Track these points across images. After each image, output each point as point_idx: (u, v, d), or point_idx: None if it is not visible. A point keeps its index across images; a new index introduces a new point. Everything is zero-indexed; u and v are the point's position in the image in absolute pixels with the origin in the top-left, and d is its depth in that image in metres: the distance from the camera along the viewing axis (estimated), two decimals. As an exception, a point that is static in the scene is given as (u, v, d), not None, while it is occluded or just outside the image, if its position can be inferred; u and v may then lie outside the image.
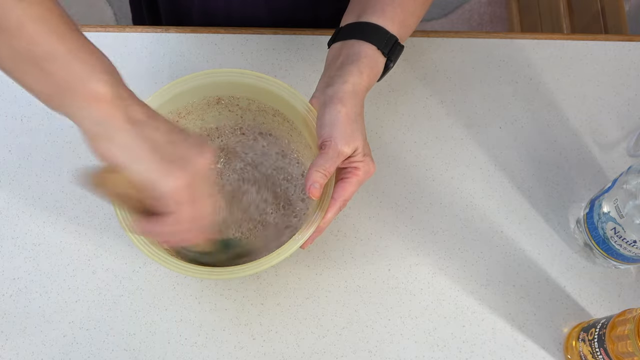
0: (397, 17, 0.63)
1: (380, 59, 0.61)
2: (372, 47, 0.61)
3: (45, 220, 0.72)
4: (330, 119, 0.58)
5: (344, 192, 0.59)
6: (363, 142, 0.59)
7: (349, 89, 0.59)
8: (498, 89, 0.80)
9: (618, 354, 0.60)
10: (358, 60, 0.60)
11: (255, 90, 0.65)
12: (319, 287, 0.70)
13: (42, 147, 0.75)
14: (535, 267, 0.72)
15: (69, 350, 0.67)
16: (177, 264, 0.58)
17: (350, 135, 0.58)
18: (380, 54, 0.61)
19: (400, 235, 0.73)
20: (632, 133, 0.78)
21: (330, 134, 0.58)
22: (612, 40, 0.83)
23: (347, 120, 0.58)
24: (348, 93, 0.59)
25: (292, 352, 0.68)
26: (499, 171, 0.76)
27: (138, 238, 0.59)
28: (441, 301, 0.71)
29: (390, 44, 0.62)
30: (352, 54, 0.61)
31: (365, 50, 0.61)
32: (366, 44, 0.61)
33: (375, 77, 0.62)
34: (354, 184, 0.60)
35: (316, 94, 0.61)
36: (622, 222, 0.64)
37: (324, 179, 0.58)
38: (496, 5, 1.80)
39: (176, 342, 0.68)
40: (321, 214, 0.59)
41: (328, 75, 0.61)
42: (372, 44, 0.61)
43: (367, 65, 0.60)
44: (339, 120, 0.58)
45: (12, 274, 0.70)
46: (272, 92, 0.64)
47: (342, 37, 0.63)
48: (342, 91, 0.59)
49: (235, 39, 0.81)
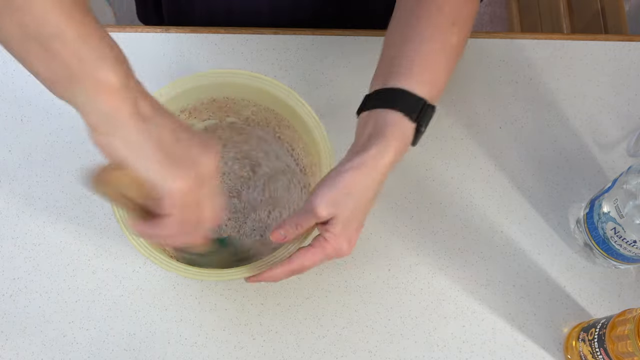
0: (425, 77, 0.58)
1: (408, 125, 0.56)
2: (398, 115, 0.56)
3: (45, 220, 0.72)
4: (330, 179, 0.55)
5: (303, 259, 0.56)
6: (347, 218, 0.55)
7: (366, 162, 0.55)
8: (498, 89, 0.80)
9: (618, 354, 0.60)
10: (384, 131, 0.55)
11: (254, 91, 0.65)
12: (319, 287, 0.70)
13: (42, 147, 0.75)
14: (535, 267, 0.72)
15: (69, 350, 0.67)
16: (177, 266, 0.58)
17: (334, 202, 0.54)
18: (409, 120, 0.56)
19: (400, 235, 0.73)
20: (632, 133, 0.78)
21: (317, 191, 0.55)
22: (612, 40, 0.83)
23: (343, 188, 0.54)
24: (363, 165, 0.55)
25: (292, 352, 0.68)
26: (499, 171, 0.76)
27: (137, 240, 0.58)
28: (441, 301, 0.71)
29: (418, 108, 0.56)
30: (379, 124, 0.56)
31: (392, 118, 0.56)
32: (392, 112, 0.56)
33: (405, 145, 0.57)
34: (316, 255, 0.56)
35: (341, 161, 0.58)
36: (622, 222, 0.64)
37: (292, 229, 0.56)
38: (496, 5, 1.80)
39: (176, 342, 0.68)
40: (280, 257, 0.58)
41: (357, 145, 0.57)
42: (399, 111, 0.56)
43: (394, 136, 0.56)
44: (336, 182, 0.54)
45: (12, 274, 0.70)
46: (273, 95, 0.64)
47: (369, 105, 0.58)
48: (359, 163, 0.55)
49: (235, 39, 0.81)
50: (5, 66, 0.78)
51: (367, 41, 0.81)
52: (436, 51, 0.59)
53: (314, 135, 0.64)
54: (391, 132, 0.56)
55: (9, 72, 0.78)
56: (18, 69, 0.78)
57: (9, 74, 0.78)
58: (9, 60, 0.79)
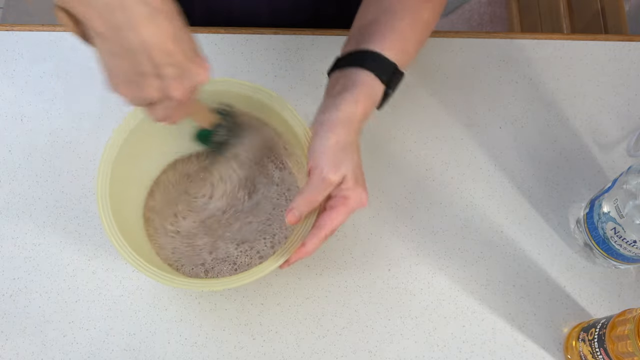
0: (397, 45, 0.61)
1: (378, 86, 0.59)
2: (369, 74, 0.59)
3: (45, 220, 0.72)
4: (319, 146, 0.57)
5: (331, 222, 0.58)
6: (353, 171, 0.57)
7: (341, 116, 0.57)
8: (498, 89, 0.80)
9: (618, 354, 0.60)
10: (354, 87, 0.58)
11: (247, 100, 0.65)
12: (319, 287, 0.70)
13: (42, 147, 0.75)
14: (535, 267, 0.72)
15: (69, 350, 0.67)
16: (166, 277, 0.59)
17: (337, 163, 0.56)
18: (379, 81, 0.59)
19: (400, 235, 0.73)
20: (632, 133, 0.78)
21: (317, 161, 0.56)
22: (612, 40, 0.83)
23: (336, 147, 0.56)
24: (340, 120, 0.57)
25: (292, 352, 0.68)
26: (499, 171, 0.76)
27: (127, 252, 0.59)
28: (441, 301, 0.71)
29: (389, 71, 0.60)
30: (349, 82, 0.59)
31: (362, 77, 0.59)
32: (364, 71, 0.59)
33: (373, 105, 0.60)
34: (342, 213, 0.58)
35: (312, 121, 0.60)
36: (622, 222, 0.64)
37: (307, 206, 0.57)
38: (496, 5, 1.80)
39: (176, 342, 0.68)
40: (299, 239, 0.59)
41: (324, 104, 0.60)
42: (370, 71, 0.59)
43: (363, 93, 0.59)
44: (328, 147, 0.56)
45: (12, 274, 0.70)
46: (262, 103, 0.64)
47: (341, 65, 0.61)
48: (335, 118, 0.57)
49: (235, 39, 0.81)
50: (6, 66, 0.78)
51: (367, 41, 0.81)
52: (408, 24, 0.62)
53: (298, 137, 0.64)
54: (361, 89, 0.58)
55: (9, 72, 0.78)
56: (18, 68, 0.78)
57: (9, 74, 0.78)
58: (9, 60, 0.79)
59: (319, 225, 0.58)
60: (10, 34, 0.80)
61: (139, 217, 0.69)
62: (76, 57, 0.79)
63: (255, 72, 0.79)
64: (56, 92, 0.78)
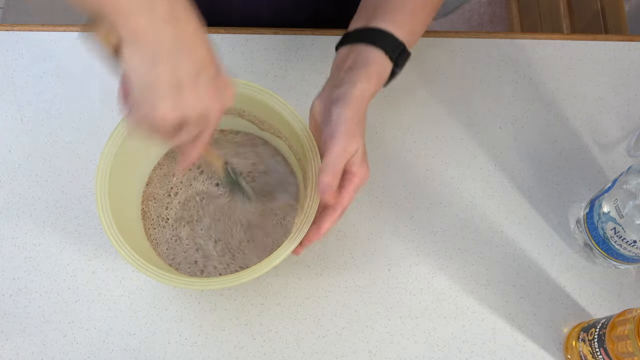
0: (406, 24, 0.62)
1: (388, 64, 0.61)
2: (380, 53, 0.61)
3: (45, 220, 0.72)
4: (337, 117, 0.58)
5: (343, 201, 0.59)
6: (363, 145, 0.60)
7: (356, 93, 0.59)
8: (498, 89, 0.80)
9: (618, 354, 0.60)
10: (367, 65, 0.60)
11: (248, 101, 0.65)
12: (319, 287, 0.70)
13: (42, 147, 0.75)
14: (535, 267, 0.72)
15: (69, 350, 0.67)
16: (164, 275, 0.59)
17: (353, 134, 0.58)
18: (389, 60, 0.61)
19: (400, 235, 0.73)
20: (632, 133, 0.78)
21: (334, 132, 0.58)
22: (612, 40, 0.83)
23: (352, 121, 0.58)
24: (355, 96, 0.59)
25: (292, 352, 0.68)
26: (499, 171, 0.76)
27: (126, 251, 0.59)
28: (441, 301, 0.71)
29: (398, 50, 0.61)
30: (361, 59, 0.60)
31: (373, 55, 0.60)
32: (375, 49, 0.61)
33: (382, 82, 0.62)
34: (351, 191, 0.60)
35: (322, 95, 0.61)
36: (622, 222, 0.64)
37: (335, 179, 0.58)
38: (496, 5, 1.80)
39: (176, 342, 0.68)
40: (308, 222, 0.59)
41: (337, 77, 0.61)
42: (381, 49, 0.61)
43: (376, 71, 0.60)
44: (345, 119, 0.58)
45: (12, 274, 0.70)
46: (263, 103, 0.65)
47: (351, 40, 0.62)
48: (350, 94, 0.59)
49: (235, 39, 0.81)
50: (6, 66, 0.78)
51: (367, 41, 0.81)
52: (419, 6, 0.64)
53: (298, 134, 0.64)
54: (374, 67, 0.60)
55: (9, 72, 0.78)
56: (18, 68, 0.78)
57: (9, 74, 0.78)
58: (9, 60, 0.79)
59: (333, 206, 0.59)
60: (10, 34, 0.80)
61: (138, 214, 0.69)
62: (76, 57, 0.79)
63: (255, 72, 0.79)
64: (56, 92, 0.78)
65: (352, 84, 0.59)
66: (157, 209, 0.70)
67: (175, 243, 0.68)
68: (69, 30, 0.81)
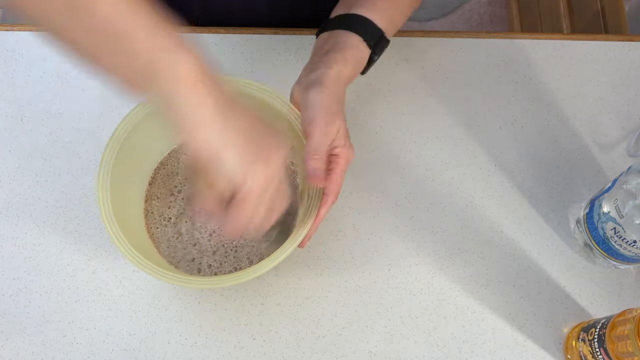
0: (386, 13, 0.63)
1: (365, 50, 0.62)
2: (358, 38, 0.61)
3: (45, 220, 0.72)
4: (314, 100, 0.58)
5: (334, 185, 0.60)
6: (344, 125, 0.60)
7: (332, 74, 0.59)
8: (498, 89, 0.80)
9: (618, 354, 0.60)
10: (343, 49, 0.61)
11: None
12: (319, 287, 0.70)
13: (42, 147, 0.75)
14: (535, 267, 0.72)
15: (69, 350, 0.67)
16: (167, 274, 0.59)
17: (333, 114, 0.58)
18: (366, 45, 0.62)
19: (400, 235, 0.73)
20: (632, 133, 0.78)
21: (314, 116, 0.58)
22: (612, 40, 0.83)
23: (330, 101, 0.59)
24: (331, 78, 0.59)
25: (292, 352, 0.68)
26: (499, 171, 0.76)
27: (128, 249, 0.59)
28: (441, 301, 0.70)
29: (376, 37, 0.62)
30: (339, 43, 0.61)
31: (351, 40, 0.61)
32: (353, 35, 0.61)
33: (360, 67, 0.62)
34: (340, 174, 0.60)
35: (299, 80, 0.62)
36: (622, 222, 0.64)
37: (321, 163, 0.58)
38: (496, 5, 1.80)
39: (176, 342, 0.68)
40: (314, 210, 0.60)
41: (313, 62, 0.62)
42: (358, 34, 0.62)
43: (352, 55, 0.61)
44: (323, 100, 0.58)
45: (12, 274, 0.70)
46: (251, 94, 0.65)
47: (330, 27, 0.63)
48: (326, 75, 0.59)
49: (235, 39, 0.81)
50: (6, 66, 0.78)
51: (367, 41, 0.81)
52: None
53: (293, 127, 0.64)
54: (350, 52, 0.61)
55: (9, 72, 0.78)
56: (18, 68, 0.78)
57: (9, 74, 0.78)
58: (9, 60, 0.79)
59: (325, 194, 0.60)
60: (10, 34, 0.80)
61: (141, 213, 0.69)
62: (76, 57, 0.79)
63: (255, 72, 0.79)
64: (56, 92, 0.78)
65: (328, 67, 0.59)
66: (160, 208, 0.70)
67: (177, 240, 0.68)
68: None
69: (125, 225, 0.62)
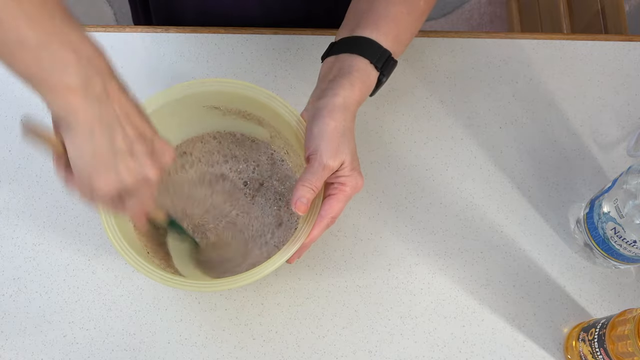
0: (391, 32, 0.62)
1: (372, 72, 0.60)
2: (364, 61, 0.60)
3: (45, 220, 0.72)
4: (318, 132, 0.57)
5: (331, 209, 0.59)
6: (351, 157, 0.58)
7: (339, 102, 0.58)
8: (498, 89, 0.80)
9: (618, 354, 0.60)
10: (350, 73, 0.59)
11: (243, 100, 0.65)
12: (319, 287, 0.70)
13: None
14: (535, 267, 0.72)
15: (69, 350, 0.67)
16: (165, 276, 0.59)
17: (336, 149, 0.57)
18: (373, 67, 0.60)
19: (400, 235, 0.73)
20: (632, 133, 0.78)
21: (316, 147, 0.57)
22: (612, 40, 0.83)
23: (335, 133, 0.57)
24: (338, 106, 0.58)
25: (292, 352, 0.68)
26: (499, 171, 0.76)
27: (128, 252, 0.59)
28: (441, 301, 0.71)
29: (383, 58, 0.61)
30: (345, 67, 0.60)
31: (357, 63, 0.60)
32: (359, 58, 0.60)
33: (368, 90, 0.61)
34: (341, 201, 0.59)
35: (307, 107, 0.61)
36: (622, 222, 0.64)
37: (310, 193, 0.57)
38: (496, 5, 1.80)
39: (176, 342, 0.68)
40: (307, 229, 0.59)
41: (320, 89, 0.60)
42: (365, 57, 0.60)
43: (359, 79, 0.59)
44: (327, 133, 0.57)
45: (12, 274, 0.70)
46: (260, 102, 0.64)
47: (336, 51, 0.62)
48: (332, 104, 0.58)
49: (235, 39, 0.81)
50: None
51: (367, 41, 0.81)
52: (404, 13, 0.63)
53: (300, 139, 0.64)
54: (357, 76, 0.59)
55: (9, 72, 0.78)
56: (18, 69, 0.78)
57: (9, 73, 0.78)
58: (9, 60, 0.79)
59: (321, 215, 0.59)
60: (10, 34, 0.80)
61: None
62: (76, 57, 0.79)
63: (255, 72, 0.79)
64: (56, 92, 0.77)
65: (335, 94, 0.58)
66: None
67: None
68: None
69: (124, 227, 0.62)
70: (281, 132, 0.67)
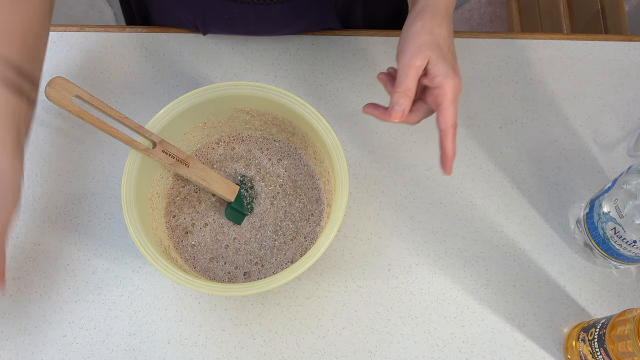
0: None
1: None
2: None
3: (45, 220, 0.72)
4: (405, 32, 0.58)
5: (445, 120, 0.57)
6: (439, 51, 0.57)
7: (424, 3, 0.58)
8: (498, 89, 0.80)
9: (618, 354, 0.60)
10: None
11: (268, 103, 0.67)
12: (319, 287, 0.71)
13: (42, 147, 0.75)
14: (535, 267, 0.72)
15: (69, 350, 0.67)
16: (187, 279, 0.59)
17: (419, 46, 0.56)
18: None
19: (400, 235, 0.73)
20: (632, 133, 0.78)
21: (402, 46, 0.57)
22: (612, 40, 0.83)
23: (422, 31, 0.57)
24: (424, 7, 0.58)
25: (292, 352, 0.68)
26: (499, 171, 0.76)
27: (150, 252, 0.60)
28: (441, 301, 0.71)
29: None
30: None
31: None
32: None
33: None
34: (448, 107, 0.57)
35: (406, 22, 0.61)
36: (622, 222, 0.64)
37: (404, 98, 0.56)
38: (496, 5, 1.80)
39: (176, 342, 0.68)
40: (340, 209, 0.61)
41: (411, 1, 0.61)
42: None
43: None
44: (410, 32, 0.57)
45: (12, 274, 0.70)
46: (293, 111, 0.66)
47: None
48: (420, 6, 0.58)
49: (235, 39, 0.81)
50: (5, 66, 0.78)
51: (367, 41, 0.81)
52: None
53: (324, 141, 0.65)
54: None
55: (9, 72, 0.78)
56: (18, 69, 0.78)
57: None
58: (9, 60, 0.79)
59: (442, 130, 0.58)
60: (10, 34, 0.80)
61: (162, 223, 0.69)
62: (76, 57, 0.79)
63: (256, 72, 0.79)
64: (56, 92, 0.77)
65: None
66: (182, 223, 0.70)
67: (194, 249, 0.68)
68: (69, 30, 0.81)
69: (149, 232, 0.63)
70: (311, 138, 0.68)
